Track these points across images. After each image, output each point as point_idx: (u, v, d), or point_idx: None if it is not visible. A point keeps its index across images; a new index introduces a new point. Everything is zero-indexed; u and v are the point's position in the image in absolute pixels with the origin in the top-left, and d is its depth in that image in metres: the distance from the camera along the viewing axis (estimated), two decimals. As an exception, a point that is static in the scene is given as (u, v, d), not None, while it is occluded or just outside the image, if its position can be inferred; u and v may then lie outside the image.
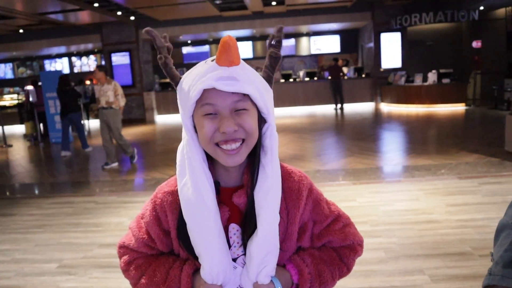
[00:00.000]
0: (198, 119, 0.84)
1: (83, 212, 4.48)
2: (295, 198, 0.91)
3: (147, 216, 0.95)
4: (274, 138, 0.89)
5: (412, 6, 12.58)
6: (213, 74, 0.80)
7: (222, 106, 0.81)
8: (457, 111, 10.99)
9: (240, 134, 0.83)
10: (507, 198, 4.08)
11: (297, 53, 17.43)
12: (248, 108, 0.84)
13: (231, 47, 0.79)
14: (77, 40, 14.31)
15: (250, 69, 0.85)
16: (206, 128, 0.82)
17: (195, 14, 12.62)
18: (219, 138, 0.82)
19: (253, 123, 0.84)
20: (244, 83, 0.81)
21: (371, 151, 6.74)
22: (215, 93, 0.80)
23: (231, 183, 0.92)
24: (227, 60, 0.80)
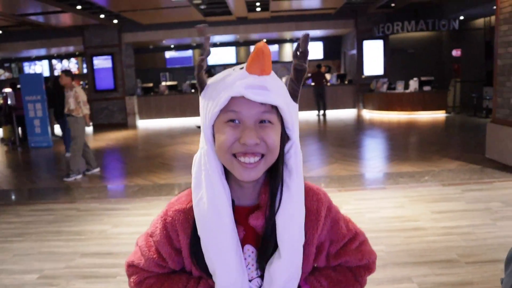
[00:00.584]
0: (219, 126, 0.79)
1: (64, 220, 4.36)
2: (314, 219, 0.87)
3: (157, 235, 0.89)
4: (299, 157, 0.85)
5: (394, 14, 12.78)
6: (243, 82, 0.76)
7: (247, 116, 0.77)
8: (438, 118, 11.18)
9: (261, 148, 0.78)
10: (490, 204, 4.14)
11: (280, 59, 17.50)
12: (274, 122, 0.79)
13: (265, 55, 0.75)
14: (58, 42, 14.07)
15: (279, 81, 0.81)
16: (226, 136, 0.77)
17: (179, 18, 12.54)
18: (238, 149, 0.77)
19: (276, 139, 0.79)
20: (274, 94, 0.77)
21: (354, 158, 6.78)
22: (242, 101, 0.76)
23: (245, 202, 0.87)
24: (259, 68, 0.76)
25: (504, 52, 5.69)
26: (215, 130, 0.80)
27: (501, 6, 5.71)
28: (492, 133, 5.95)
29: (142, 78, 15.79)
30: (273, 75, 0.80)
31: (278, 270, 0.81)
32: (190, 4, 10.20)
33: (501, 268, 2.84)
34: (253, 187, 0.86)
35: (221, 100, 0.76)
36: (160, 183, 5.74)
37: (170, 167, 6.86)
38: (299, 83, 0.84)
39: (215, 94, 0.79)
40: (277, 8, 11.89)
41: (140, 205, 4.75)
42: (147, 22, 12.89)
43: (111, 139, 10.47)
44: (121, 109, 13.55)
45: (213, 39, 15.78)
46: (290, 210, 0.82)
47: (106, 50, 13.38)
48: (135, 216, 4.37)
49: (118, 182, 6.18)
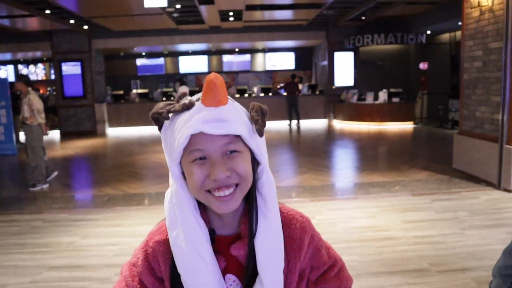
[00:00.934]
0: (187, 166, 0.77)
1: (29, 232, 4.19)
2: (296, 248, 0.86)
3: (139, 266, 0.87)
4: (271, 182, 0.84)
5: (364, 27, 13.09)
6: (199, 117, 0.74)
7: (211, 151, 0.75)
8: (406, 129, 11.47)
9: (234, 179, 0.76)
10: (458, 214, 4.25)
11: (252, 68, 17.59)
12: (241, 150, 0.77)
13: (218, 86, 0.74)
14: (25, 47, 13.65)
15: (238, 108, 0.80)
16: (196, 176, 0.75)
17: (151, 26, 12.43)
18: (211, 185, 0.76)
19: (247, 166, 0.78)
20: (234, 123, 0.75)
21: (326, 168, 6.85)
22: (203, 137, 0.74)
23: (226, 231, 0.85)
24: (213, 100, 0.74)
25: (469, 67, 5.90)
26: (184, 169, 0.79)
27: (466, 22, 5.94)
28: (459, 144, 6.14)
29: (113, 85, 15.51)
30: (230, 104, 0.78)
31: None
32: (163, 12, 10.12)
33: (471, 276, 2.91)
34: (232, 216, 0.84)
35: (182, 140, 0.74)
36: (131, 192, 5.62)
37: (140, 176, 6.73)
38: (263, 126, 0.81)
39: (177, 132, 0.76)
40: (250, 18, 11.97)
41: (110, 215, 4.63)
42: (118, 29, 12.70)
43: (79, 147, 10.20)
44: (90, 117, 13.24)
45: (180, 48, 15.72)
46: (268, 238, 0.81)
47: (75, 56, 13.08)
48: (105, 227, 4.25)
49: (87, 191, 6.01)
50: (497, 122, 5.25)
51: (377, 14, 11.65)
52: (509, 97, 5.04)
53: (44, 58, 16.72)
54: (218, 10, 10.49)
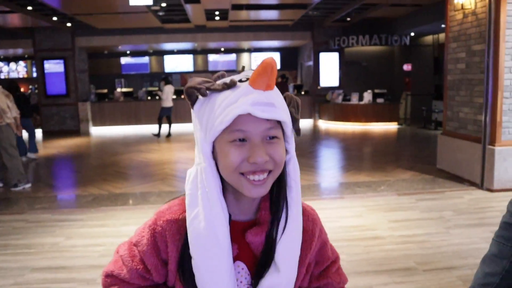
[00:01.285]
0: (223, 145, 0.75)
1: (11, 232, 4.10)
2: (308, 240, 0.86)
3: (144, 245, 0.83)
4: (297, 172, 0.84)
5: (349, 28, 13.19)
6: (248, 98, 0.72)
7: (254, 133, 0.74)
8: (390, 129, 11.59)
9: (270, 165, 0.75)
10: (443, 213, 4.31)
11: (238, 68, 17.54)
12: (280, 137, 0.77)
13: (274, 70, 0.72)
14: (5, 44, 13.36)
15: (281, 94, 0.79)
16: (233, 157, 0.74)
17: (135, 24, 12.30)
18: (247, 168, 0.74)
19: (283, 154, 0.78)
20: (280, 109, 0.75)
21: (312, 168, 6.87)
22: (248, 119, 0.73)
23: (241, 217, 0.83)
24: (265, 83, 0.72)
25: (453, 68, 5.99)
26: (217, 148, 0.77)
27: (450, 25, 6.02)
28: (442, 145, 6.23)
29: (96, 84, 15.29)
30: (276, 90, 0.77)
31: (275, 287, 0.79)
32: (148, 10, 10.03)
33: (456, 275, 2.95)
34: (251, 201, 0.83)
35: (227, 118, 0.72)
36: (116, 192, 5.55)
37: (125, 176, 6.65)
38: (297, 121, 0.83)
39: (219, 110, 0.74)
40: (236, 17, 11.95)
41: (95, 215, 4.56)
42: (102, 27, 12.54)
43: (62, 147, 10.04)
44: (73, 116, 13.03)
45: (165, 47, 15.60)
46: (291, 228, 0.81)
47: (58, 54, 12.86)
48: (89, 227, 4.18)
49: (71, 191, 5.91)
50: (480, 123, 5.34)
51: (362, 16, 11.75)
52: (492, 99, 5.14)
53: (25, 56, 16.40)
54: (204, 9, 10.44)
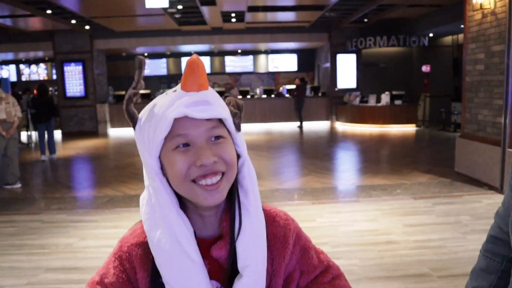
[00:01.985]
0: (168, 156, 0.72)
1: (27, 232, 4.16)
2: (280, 247, 0.81)
3: (111, 275, 0.78)
4: (253, 175, 0.79)
5: (367, 29, 13.05)
6: (182, 101, 0.70)
7: (196, 135, 0.70)
8: (408, 131, 11.42)
9: (220, 166, 0.71)
10: (460, 218, 4.21)
11: (255, 70, 17.56)
12: (225, 136, 0.74)
13: (200, 68, 0.70)
14: (27, 47, 13.65)
15: (217, 94, 0.76)
16: (179, 164, 0.70)
17: (153, 26, 12.42)
18: (196, 173, 0.70)
19: (233, 153, 0.74)
20: (218, 106, 0.72)
21: (328, 170, 6.81)
22: (187, 122, 0.70)
23: (207, 233, 0.79)
24: (196, 84, 0.70)
25: (472, 69, 5.86)
26: (164, 161, 0.73)
27: (469, 25, 5.89)
28: (461, 148, 6.09)
29: (114, 85, 15.50)
30: (211, 89, 0.74)
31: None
32: (164, 12, 10.11)
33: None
34: (214, 215, 0.79)
35: (164, 125, 0.69)
36: (131, 194, 5.59)
37: (141, 178, 6.63)
38: (241, 120, 0.79)
39: (154, 123, 0.71)
40: (252, 19, 11.95)
41: (109, 217, 4.60)
42: (120, 29, 12.70)
43: (80, 148, 10.19)
44: (91, 117, 13.24)
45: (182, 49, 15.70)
46: (251, 233, 0.76)
47: (77, 56, 13.08)
48: (103, 229, 4.22)
49: (87, 192, 5.99)
50: (499, 126, 5.20)
51: (379, 17, 11.61)
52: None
53: (46, 58, 16.73)
54: (220, 11, 10.47)
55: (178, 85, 0.75)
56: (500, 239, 0.95)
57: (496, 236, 0.96)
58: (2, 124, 6.00)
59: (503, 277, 0.93)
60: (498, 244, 0.95)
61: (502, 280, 0.93)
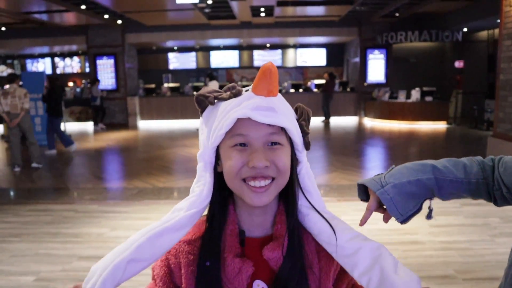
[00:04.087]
0: (226, 151, 0.75)
1: (62, 221, 4.36)
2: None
3: (158, 268, 0.84)
4: (312, 177, 0.83)
5: (398, 24, 12.81)
6: (249, 103, 0.72)
7: (254, 138, 0.73)
8: (439, 129, 11.18)
9: (271, 171, 0.74)
10: (488, 220, 4.13)
11: (283, 64, 17.52)
12: (283, 144, 0.76)
13: (273, 75, 0.72)
14: (61, 41, 14.09)
15: (286, 103, 0.79)
16: (234, 161, 0.73)
17: (182, 21, 12.58)
18: (247, 173, 0.73)
19: (287, 161, 0.76)
20: (283, 115, 0.74)
21: (354, 167, 6.78)
22: (249, 123, 0.73)
23: (257, 233, 0.82)
24: (266, 89, 0.73)
25: (507, 67, 5.70)
26: (221, 154, 0.77)
27: (505, 21, 5.72)
28: (492, 147, 5.95)
29: (144, 79, 15.81)
30: (280, 97, 0.77)
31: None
32: (194, 7, 10.22)
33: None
34: (264, 214, 0.81)
35: (227, 122, 0.73)
36: (160, 186, 5.74)
37: (170, 170, 6.86)
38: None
39: (221, 116, 0.75)
40: (282, 14, 11.93)
41: (138, 208, 4.75)
42: (151, 24, 12.92)
43: (111, 140, 10.47)
44: (122, 110, 13.56)
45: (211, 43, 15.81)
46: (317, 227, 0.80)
47: (109, 50, 13.41)
48: (133, 220, 4.36)
49: (117, 184, 6.18)
50: (534, 126, 5.06)
51: (411, 11, 11.37)
52: (548, 100, 4.85)
53: (79, 52, 17.20)
54: (249, 5, 10.50)
55: (250, 86, 0.77)
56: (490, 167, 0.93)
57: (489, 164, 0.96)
58: (8, 115, 6.72)
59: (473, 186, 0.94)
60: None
61: (470, 185, 0.94)
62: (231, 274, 0.76)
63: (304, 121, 0.80)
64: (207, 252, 0.78)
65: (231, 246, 0.78)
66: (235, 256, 0.77)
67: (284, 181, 0.77)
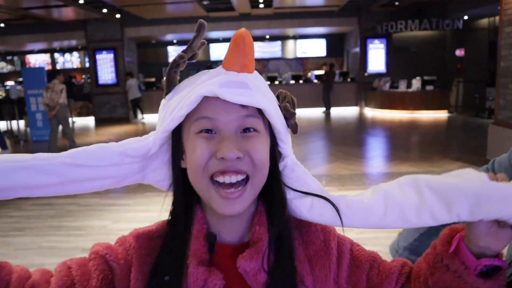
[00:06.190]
0: (190, 140, 0.61)
1: (65, 215, 4.38)
2: (323, 255, 0.67)
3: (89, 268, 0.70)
4: (304, 172, 0.70)
5: (398, 13, 12.74)
6: (218, 79, 0.59)
7: (224, 122, 0.59)
8: (440, 118, 11.16)
9: (245, 165, 0.59)
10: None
11: (283, 55, 17.48)
12: (260, 130, 0.61)
13: (247, 45, 0.59)
14: (60, 36, 14.06)
15: (264, 81, 0.64)
16: (199, 151, 0.59)
17: (181, 14, 12.53)
18: (215, 167, 0.59)
19: (264, 153, 0.61)
20: (259, 93, 0.60)
21: (355, 157, 6.78)
22: (217, 105, 0.58)
23: (229, 238, 0.66)
24: (238, 63, 0.60)
25: (507, 54, 5.67)
26: (185, 147, 0.63)
27: (505, 7, 5.69)
28: (493, 135, 5.94)
29: (145, 72, 15.79)
30: (257, 74, 0.63)
31: None
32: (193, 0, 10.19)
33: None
34: (238, 218, 0.65)
35: (188, 101, 0.59)
36: (161, 179, 5.74)
37: (171, 163, 6.86)
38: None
39: (181, 95, 0.62)
40: (281, 4, 11.87)
41: (141, 201, 4.77)
42: (149, 17, 12.88)
43: (112, 134, 10.49)
44: (123, 104, 13.56)
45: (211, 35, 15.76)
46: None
47: (109, 44, 13.38)
48: (135, 212, 4.39)
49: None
50: (535, 112, 5.05)
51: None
52: (549, 86, 4.83)
53: (79, 47, 17.17)
54: (248, -3, 10.46)
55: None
56: None
57: None
58: (48, 107, 7.30)
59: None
60: None
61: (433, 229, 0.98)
62: (194, 287, 0.60)
63: (288, 103, 0.65)
64: (167, 264, 0.63)
65: (195, 250, 0.62)
66: (200, 264, 0.61)
67: (261, 180, 0.62)
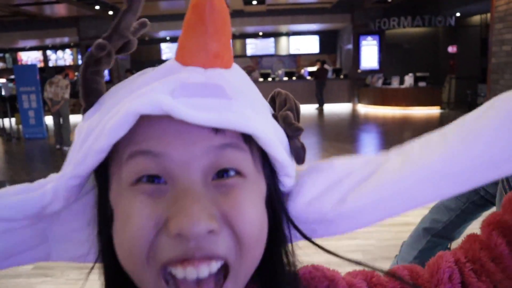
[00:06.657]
0: (120, 198, 0.35)
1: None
2: None
3: None
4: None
5: (391, 9, 12.79)
6: (168, 82, 0.35)
7: (182, 161, 0.34)
8: (432, 114, 11.25)
9: (223, 243, 0.34)
10: (480, 201, 4.20)
11: (276, 52, 17.49)
12: (246, 172, 0.36)
13: (218, 17, 0.37)
14: (53, 33, 13.98)
15: (250, 81, 0.41)
16: (136, 221, 0.33)
17: (174, 10, 12.50)
18: (168, 251, 0.33)
19: (256, 215, 0.36)
20: (243, 104, 0.36)
21: (349, 153, 6.73)
22: (168, 129, 0.34)
23: None
24: (204, 50, 0.37)
25: (498, 50, 5.74)
26: (113, 205, 0.37)
27: (496, 4, 5.75)
28: (484, 130, 6.01)
29: (138, 70, 15.52)
30: (238, 71, 0.40)
31: None
32: (186, -4, 10.17)
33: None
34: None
35: (112, 122, 0.34)
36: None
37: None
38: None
39: (106, 109, 0.38)
40: (273, 1, 11.88)
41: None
42: (142, 14, 12.70)
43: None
44: (116, 101, 13.53)
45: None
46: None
47: (102, 41, 13.32)
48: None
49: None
50: (525, 108, 5.12)
51: (404, -4, 11.37)
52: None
53: (71, 44, 17.07)
54: (241, -6, 10.46)
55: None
56: None
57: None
58: (51, 101, 7.41)
59: (461, 216, 1.02)
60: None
61: (459, 218, 1.02)
62: None
63: (291, 111, 0.44)
64: None
65: None
66: None
67: (251, 264, 0.37)
